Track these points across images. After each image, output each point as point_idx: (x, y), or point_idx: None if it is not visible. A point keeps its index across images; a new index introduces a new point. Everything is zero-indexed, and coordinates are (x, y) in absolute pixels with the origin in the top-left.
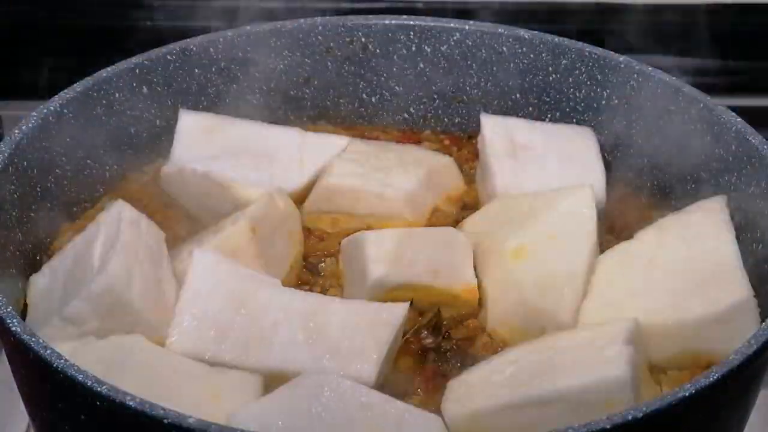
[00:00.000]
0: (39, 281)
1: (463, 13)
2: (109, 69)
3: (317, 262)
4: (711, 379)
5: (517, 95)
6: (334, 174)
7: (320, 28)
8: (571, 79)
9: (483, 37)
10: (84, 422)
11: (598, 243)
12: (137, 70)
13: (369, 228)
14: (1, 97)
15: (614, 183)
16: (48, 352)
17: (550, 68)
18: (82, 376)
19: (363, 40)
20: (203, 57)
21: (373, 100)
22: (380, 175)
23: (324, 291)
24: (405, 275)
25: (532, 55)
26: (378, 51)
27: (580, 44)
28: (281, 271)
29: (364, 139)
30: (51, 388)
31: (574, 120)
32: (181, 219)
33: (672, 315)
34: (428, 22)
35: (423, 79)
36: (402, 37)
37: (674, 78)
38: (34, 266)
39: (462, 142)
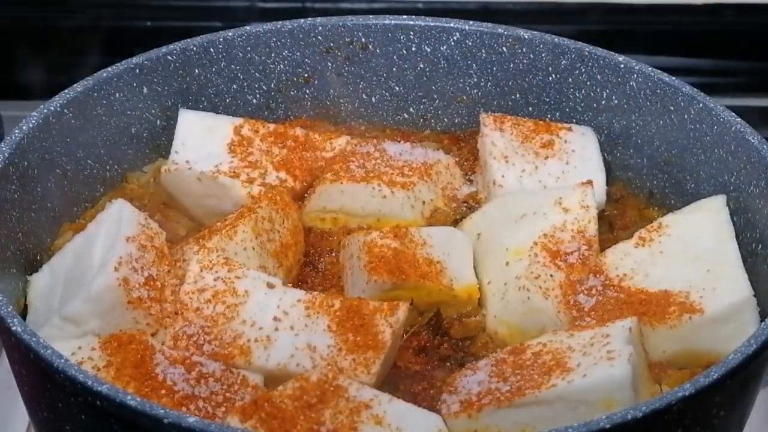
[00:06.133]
0: (39, 281)
1: (465, 14)
2: (109, 69)
3: (317, 262)
4: (711, 379)
5: (517, 95)
6: (335, 173)
7: (320, 28)
8: (571, 79)
9: (483, 37)
10: (84, 422)
11: (598, 242)
12: (137, 70)
13: (369, 227)
14: (1, 97)
15: (614, 183)
16: (48, 351)
17: (550, 68)
18: (82, 376)
19: (363, 40)
20: (203, 57)
21: (373, 100)
22: (380, 174)
23: (324, 290)
24: (405, 275)
25: (532, 55)
26: (378, 51)
27: (580, 44)
28: (281, 270)
29: (364, 139)
30: (51, 388)
31: (574, 120)
32: (181, 219)
33: (672, 314)
34: (428, 22)
35: (423, 79)
36: (402, 37)
37: (674, 78)
38: (34, 266)
39: (462, 142)
